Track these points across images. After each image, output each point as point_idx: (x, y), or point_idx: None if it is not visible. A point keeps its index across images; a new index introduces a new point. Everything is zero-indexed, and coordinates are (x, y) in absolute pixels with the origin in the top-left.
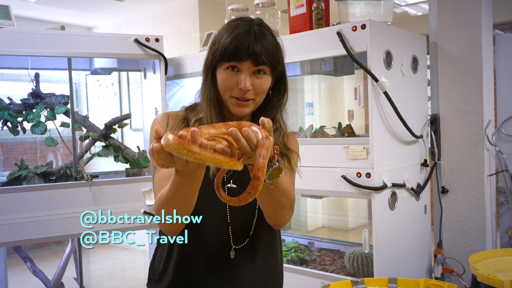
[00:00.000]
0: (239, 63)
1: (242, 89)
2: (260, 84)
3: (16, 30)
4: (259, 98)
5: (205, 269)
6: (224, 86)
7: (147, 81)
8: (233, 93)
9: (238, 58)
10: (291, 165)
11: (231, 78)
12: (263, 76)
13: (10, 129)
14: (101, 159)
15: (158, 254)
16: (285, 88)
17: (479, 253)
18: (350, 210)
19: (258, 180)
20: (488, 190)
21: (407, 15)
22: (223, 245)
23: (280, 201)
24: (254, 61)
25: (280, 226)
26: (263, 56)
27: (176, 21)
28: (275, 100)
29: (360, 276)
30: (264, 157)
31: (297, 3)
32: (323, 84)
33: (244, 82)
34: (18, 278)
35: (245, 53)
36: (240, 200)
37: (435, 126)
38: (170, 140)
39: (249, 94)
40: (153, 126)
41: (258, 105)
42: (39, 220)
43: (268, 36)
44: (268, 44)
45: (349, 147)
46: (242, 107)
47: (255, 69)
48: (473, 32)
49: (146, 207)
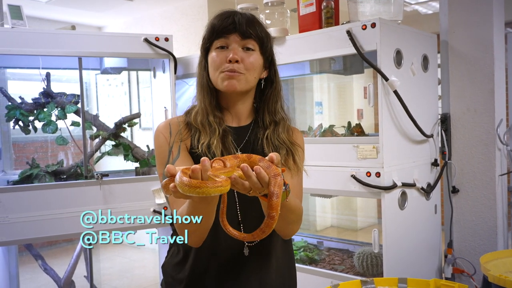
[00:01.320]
0: (227, 38)
1: (231, 58)
2: (250, 58)
3: (28, 30)
4: (250, 76)
5: (220, 268)
6: (214, 64)
7: (157, 80)
8: (223, 68)
9: (225, 31)
10: (296, 163)
11: (220, 55)
12: (253, 52)
13: (22, 128)
14: (111, 158)
15: (170, 255)
16: (275, 76)
17: (490, 254)
18: (359, 210)
19: (273, 219)
20: (499, 190)
21: (417, 13)
22: (236, 243)
23: (288, 218)
24: (241, 34)
25: (288, 237)
26: (249, 29)
27: (185, 20)
28: (268, 89)
29: (369, 276)
30: (277, 196)
31: (307, 2)
32: (332, 83)
33: (233, 52)
34: (29, 276)
35: (231, 26)
36: (254, 237)
37: (445, 125)
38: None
39: (239, 68)
40: (156, 136)
41: (248, 84)
42: (50, 219)
43: (254, 18)
44: (255, 22)
45: (359, 146)
46: (232, 79)
47: (243, 43)
48: (485, 30)
49: (156, 206)
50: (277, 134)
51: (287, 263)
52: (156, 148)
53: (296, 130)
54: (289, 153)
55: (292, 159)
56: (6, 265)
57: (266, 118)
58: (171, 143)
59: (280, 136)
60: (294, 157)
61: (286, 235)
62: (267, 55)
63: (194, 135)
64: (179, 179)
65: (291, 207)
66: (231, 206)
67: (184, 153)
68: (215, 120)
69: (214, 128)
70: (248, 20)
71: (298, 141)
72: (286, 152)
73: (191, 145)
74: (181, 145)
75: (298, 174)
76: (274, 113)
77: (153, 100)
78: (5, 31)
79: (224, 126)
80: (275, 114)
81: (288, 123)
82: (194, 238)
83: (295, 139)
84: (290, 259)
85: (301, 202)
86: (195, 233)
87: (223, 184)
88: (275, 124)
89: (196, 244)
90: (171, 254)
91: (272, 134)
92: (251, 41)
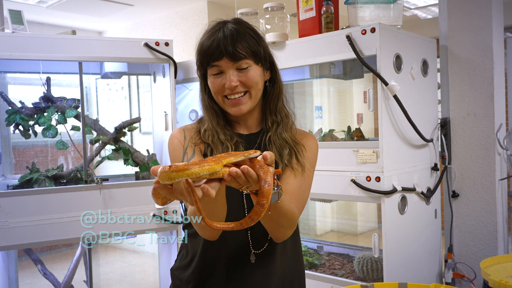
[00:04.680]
0: (219, 66)
1: (228, 87)
2: (247, 77)
3: (28, 35)
4: (253, 91)
5: (226, 274)
6: (214, 90)
7: (157, 85)
8: (224, 93)
9: (214, 58)
10: (299, 162)
11: (217, 81)
12: (249, 69)
13: (22, 133)
14: (111, 162)
15: (180, 258)
16: (276, 76)
17: (491, 258)
18: (359, 214)
19: (263, 207)
20: (499, 195)
21: (417, 18)
22: (243, 249)
23: (279, 222)
24: (230, 57)
25: (280, 240)
26: (237, 49)
27: (185, 25)
28: (271, 91)
29: (369, 280)
30: (269, 184)
31: (306, 6)
32: (332, 87)
33: (229, 80)
34: (28, 281)
35: (218, 53)
36: (242, 224)
37: (445, 129)
38: (160, 172)
39: (238, 89)
40: (171, 141)
41: (256, 99)
42: (50, 223)
43: (242, 30)
44: (241, 37)
45: (359, 151)
46: (237, 105)
47: (236, 65)
48: (484, 35)
49: (156, 210)
50: (279, 134)
51: (295, 270)
52: (170, 152)
53: (308, 136)
54: (292, 152)
55: (296, 158)
56: (5, 270)
57: (269, 120)
58: (186, 145)
59: (282, 135)
60: (297, 156)
61: (277, 238)
62: (264, 61)
63: (207, 146)
64: (161, 169)
65: (283, 209)
66: (240, 212)
67: (199, 155)
68: (225, 138)
69: (226, 145)
70: (233, 39)
71: (308, 144)
72: (289, 151)
73: (205, 151)
74: (196, 149)
75: (303, 174)
76: (276, 113)
77: (153, 104)
78: (5, 36)
79: (236, 138)
80: (276, 114)
81: (292, 120)
82: (207, 232)
83: (305, 142)
84: (298, 264)
85: (302, 206)
86: (205, 228)
87: (210, 164)
88: (277, 125)
89: (211, 237)
90: (180, 257)
91: (274, 135)
92: (243, 61)
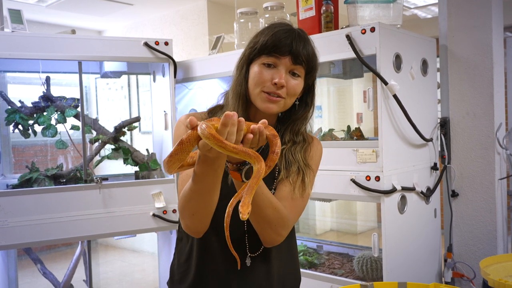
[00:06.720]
0: (278, 59)
1: (277, 83)
2: (294, 85)
3: (28, 34)
4: (289, 100)
5: (222, 277)
6: (257, 80)
7: (156, 84)
8: (265, 88)
9: (278, 52)
10: (304, 184)
11: (265, 72)
12: (298, 78)
13: (21, 132)
14: (111, 161)
15: (176, 259)
16: (312, 101)
17: (490, 258)
18: (358, 214)
19: (277, 155)
20: (499, 194)
21: (417, 17)
22: (239, 253)
23: (265, 214)
24: (293, 58)
25: (269, 244)
26: (302, 55)
27: (185, 24)
28: (300, 111)
29: (369, 280)
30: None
31: (306, 6)
32: (332, 87)
33: (280, 76)
34: (28, 280)
35: (287, 48)
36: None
37: (445, 129)
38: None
39: (282, 92)
40: (177, 127)
41: (285, 108)
42: (49, 222)
43: (309, 42)
44: (309, 47)
45: (358, 150)
46: (272, 103)
47: (292, 68)
48: (484, 34)
49: (155, 210)
50: (292, 151)
51: (290, 271)
52: (175, 138)
53: (315, 143)
54: (300, 172)
55: (302, 179)
56: (5, 269)
57: (286, 136)
58: None
59: (296, 154)
60: (303, 178)
61: (265, 241)
62: (309, 79)
63: None
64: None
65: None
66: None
67: None
68: None
69: None
70: (305, 44)
71: (313, 148)
72: (297, 170)
73: None
74: None
75: (301, 196)
76: (297, 134)
77: (153, 104)
78: (5, 35)
79: None
80: (296, 135)
81: (308, 142)
82: (195, 221)
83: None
84: (294, 265)
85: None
86: (195, 215)
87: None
88: (293, 143)
89: (197, 231)
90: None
91: (288, 151)
92: (300, 68)
